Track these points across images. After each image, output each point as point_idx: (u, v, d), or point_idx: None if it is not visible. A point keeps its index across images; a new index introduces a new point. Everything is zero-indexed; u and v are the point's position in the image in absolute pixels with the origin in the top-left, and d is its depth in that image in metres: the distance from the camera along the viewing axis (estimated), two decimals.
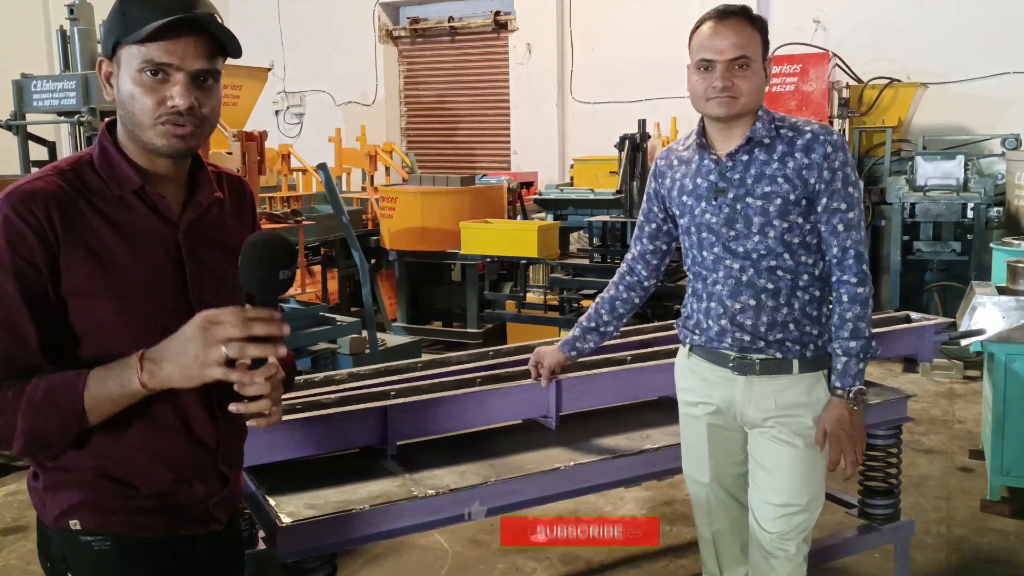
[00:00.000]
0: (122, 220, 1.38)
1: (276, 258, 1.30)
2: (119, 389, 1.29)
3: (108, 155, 1.41)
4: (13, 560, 3.63)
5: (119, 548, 1.40)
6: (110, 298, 1.34)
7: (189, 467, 1.44)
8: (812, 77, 7.09)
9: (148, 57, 1.33)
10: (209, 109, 1.39)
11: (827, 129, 2.10)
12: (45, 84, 6.92)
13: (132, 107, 1.36)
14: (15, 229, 1.29)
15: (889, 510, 2.99)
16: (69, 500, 1.38)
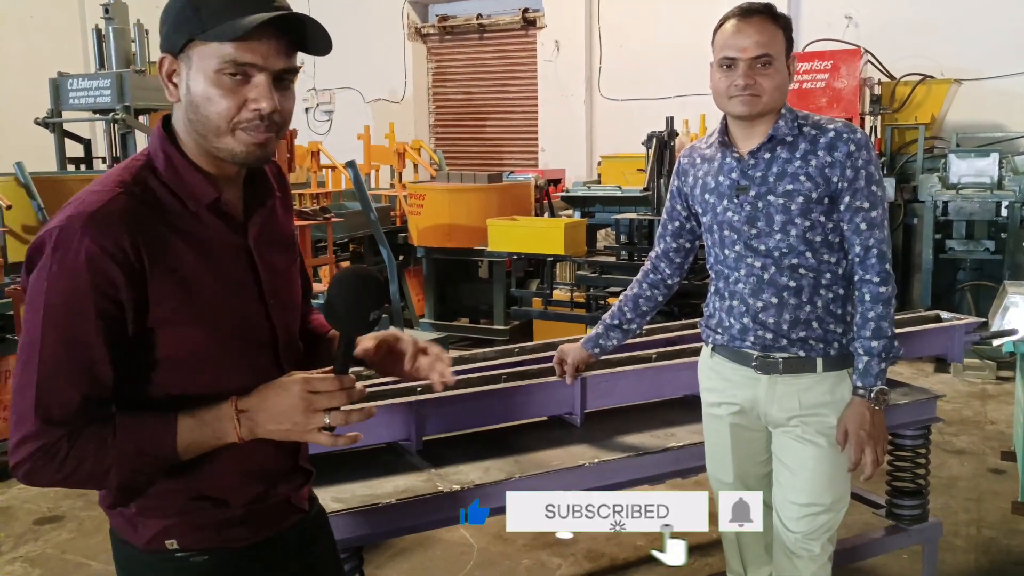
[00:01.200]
0: (200, 237, 1.29)
1: (368, 299, 1.26)
2: (214, 440, 1.27)
3: (175, 166, 1.29)
4: (49, 549, 3.72)
5: (216, 560, 1.38)
6: (199, 325, 1.28)
7: (276, 473, 1.43)
8: (843, 73, 7.02)
9: (229, 56, 1.21)
10: (287, 112, 1.29)
11: (851, 127, 2.09)
12: (81, 82, 7.06)
13: (207, 111, 1.25)
14: (99, 264, 1.18)
15: (917, 511, 2.97)
16: (164, 523, 1.34)
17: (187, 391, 1.29)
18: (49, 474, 1.22)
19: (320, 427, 1.25)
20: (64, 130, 7.29)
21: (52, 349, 1.20)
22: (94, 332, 1.20)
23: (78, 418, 1.21)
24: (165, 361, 1.28)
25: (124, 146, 7.09)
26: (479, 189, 7.10)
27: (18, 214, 5.49)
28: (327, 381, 1.25)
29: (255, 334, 1.36)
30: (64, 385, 1.20)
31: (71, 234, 1.18)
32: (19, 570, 3.54)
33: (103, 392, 1.23)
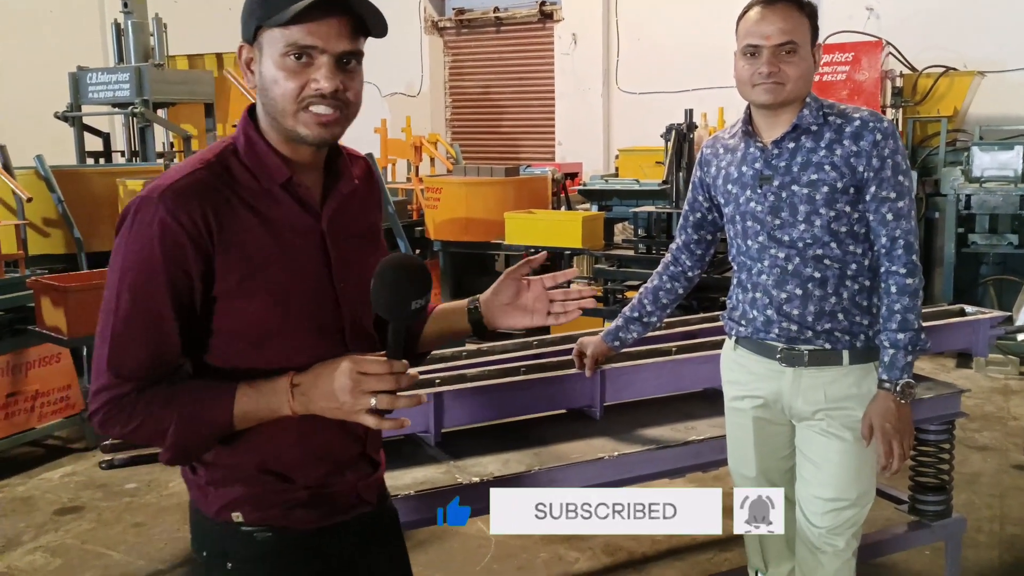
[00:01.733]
0: (271, 215, 1.35)
1: (410, 286, 1.27)
2: (268, 412, 1.32)
3: (254, 146, 1.36)
4: (70, 539, 3.75)
5: (277, 539, 1.42)
6: (262, 298, 1.33)
7: (341, 458, 1.46)
8: (864, 66, 6.94)
9: (292, 40, 1.28)
10: (353, 93, 1.34)
11: (877, 116, 2.06)
12: (100, 76, 7.10)
13: (274, 93, 1.31)
14: (170, 234, 1.26)
15: (940, 507, 2.93)
16: (231, 494, 1.40)
17: (252, 366, 1.34)
18: (119, 425, 1.31)
19: (367, 409, 1.27)
20: (83, 124, 7.33)
21: (125, 309, 1.29)
22: (163, 296, 1.28)
23: (146, 376, 1.29)
24: (229, 332, 1.34)
25: (143, 140, 7.12)
26: (496, 183, 7.08)
27: (39, 207, 5.52)
28: (377, 364, 1.27)
29: (321, 318, 1.39)
30: (135, 343, 1.29)
31: (149, 204, 1.27)
32: (40, 560, 3.57)
33: (171, 354, 1.31)
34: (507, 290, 1.52)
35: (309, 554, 1.45)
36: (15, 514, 4.01)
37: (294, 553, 1.44)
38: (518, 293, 1.52)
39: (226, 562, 1.43)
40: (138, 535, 3.77)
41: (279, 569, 1.43)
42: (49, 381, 4.76)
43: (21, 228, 5.18)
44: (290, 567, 1.44)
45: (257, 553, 1.42)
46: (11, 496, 4.22)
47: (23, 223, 5.24)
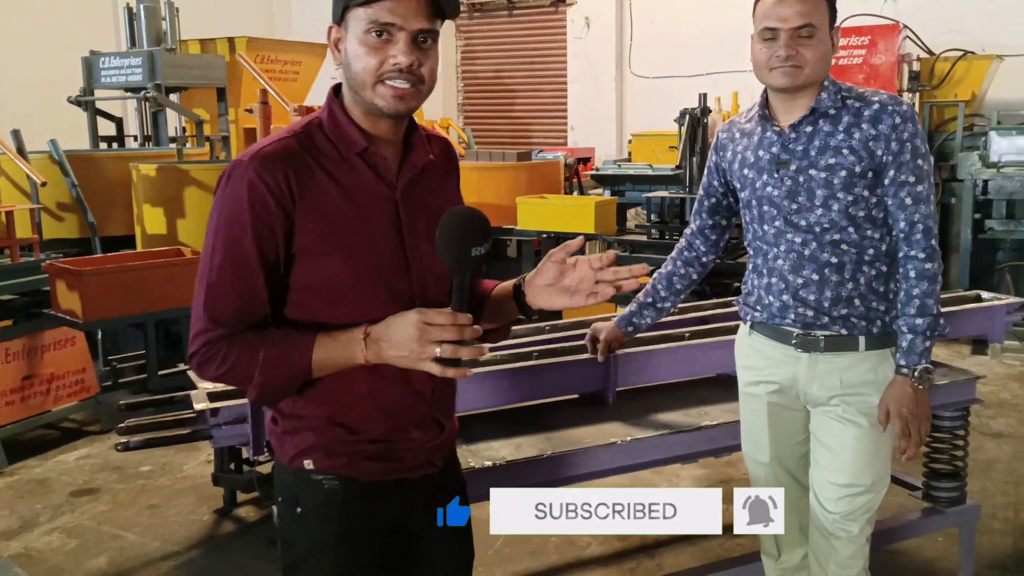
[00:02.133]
0: (348, 182, 1.46)
1: (470, 234, 1.37)
2: (344, 360, 1.42)
3: (336, 118, 1.48)
4: (86, 520, 3.78)
5: (344, 488, 1.52)
6: (336, 256, 1.44)
7: (408, 415, 1.55)
8: (881, 49, 6.87)
9: (373, 18, 1.39)
10: (427, 70, 1.44)
11: (896, 99, 2.03)
12: (113, 61, 7.09)
13: (356, 67, 1.42)
14: (257, 192, 1.40)
15: (954, 493, 2.92)
16: (303, 443, 1.52)
17: (327, 321, 1.45)
18: (213, 367, 1.44)
19: (432, 357, 1.36)
20: (96, 108, 7.33)
21: (219, 259, 1.43)
22: (251, 248, 1.41)
23: (238, 321, 1.43)
24: (307, 288, 1.46)
25: (155, 124, 7.12)
26: (508, 167, 7.06)
27: (52, 191, 5.54)
28: (442, 315, 1.36)
29: (393, 282, 1.49)
30: (227, 291, 1.42)
31: (240, 167, 1.42)
32: (56, 540, 3.60)
33: (259, 303, 1.44)
34: (548, 272, 1.56)
35: (373, 505, 1.55)
36: (32, 496, 4.05)
37: (359, 502, 1.54)
38: (560, 275, 1.56)
39: (296, 507, 1.55)
40: (152, 517, 3.80)
41: (344, 516, 1.53)
42: (64, 364, 4.79)
43: (35, 212, 5.21)
44: (354, 515, 1.54)
45: (325, 500, 1.53)
46: (28, 478, 4.26)
47: (37, 207, 5.26)
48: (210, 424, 2.23)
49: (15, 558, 3.41)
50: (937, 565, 3.25)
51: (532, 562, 3.32)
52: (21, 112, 7.72)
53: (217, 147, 6.90)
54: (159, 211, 5.28)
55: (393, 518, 1.58)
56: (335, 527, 1.54)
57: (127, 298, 4.10)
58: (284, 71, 8.44)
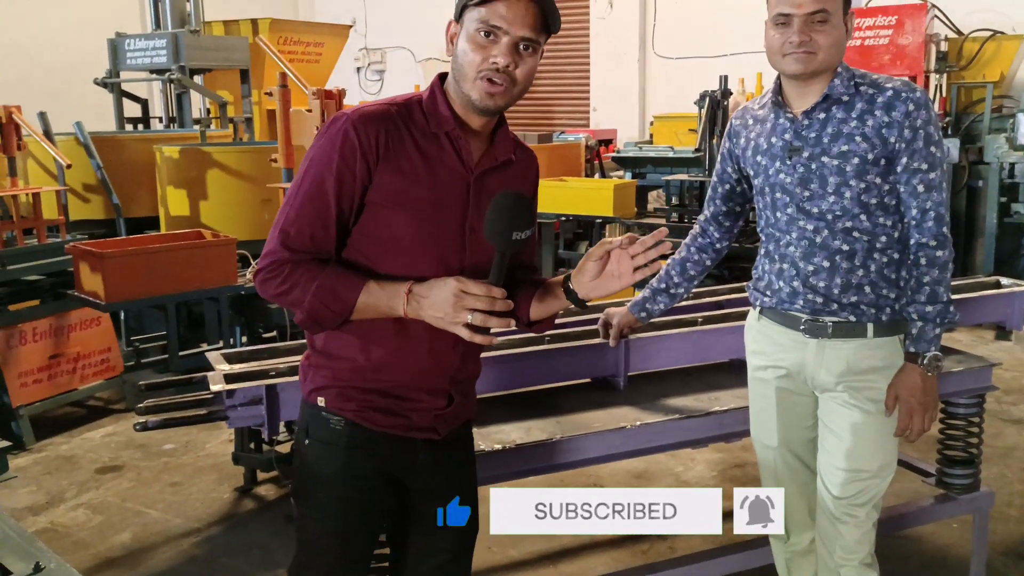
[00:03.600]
0: (431, 153, 1.61)
1: (516, 218, 1.52)
2: (386, 308, 1.57)
3: (435, 99, 1.64)
4: (111, 497, 3.87)
5: (349, 431, 1.67)
6: (402, 212, 1.59)
7: (423, 378, 1.68)
8: (908, 29, 6.76)
9: (484, 19, 1.54)
10: (522, 74, 1.58)
11: (910, 86, 2.01)
12: (138, 43, 7.15)
13: (463, 60, 1.58)
14: (348, 141, 1.56)
15: (968, 480, 2.90)
16: (322, 380, 1.68)
17: (383, 271, 1.60)
18: (273, 286, 1.59)
19: (464, 323, 1.50)
20: (122, 90, 7.40)
21: (303, 193, 1.59)
22: (332, 188, 1.57)
23: (305, 251, 1.58)
24: (371, 237, 1.60)
25: (180, 106, 7.18)
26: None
27: (78, 173, 5.62)
28: (478, 286, 1.51)
29: (447, 253, 1.63)
30: (303, 221, 1.58)
31: (342, 119, 1.59)
32: (81, 516, 3.70)
33: (327, 238, 1.59)
34: (591, 270, 1.66)
35: (373, 453, 1.68)
36: (59, 472, 4.15)
37: (360, 448, 1.67)
38: (601, 268, 1.66)
39: (306, 438, 1.72)
40: (175, 494, 3.88)
41: (344, 457, 1.68)
42: (90, 344, 4.89)
43: (62, 194, 5.28)
44: (354, 457, 1.68)
45: (330, 438, 1.68)
46: (55, 455, 4.36)
47: (63, 189, 5.34)
48: (226, 405, 2.27)
49: (41, 533, 3.51)
50: (950, 552, 3.24)
51: (546, 543, 3.36)
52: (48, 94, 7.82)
53: (240, 129, 6.95)
54: (182, 193, 5.34)
55: (392, 469, 1.71)
56: (338, 464, 1.68)
57: (148, 280, 4.15)
58: (307, 53, 8.47)
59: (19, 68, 8.96)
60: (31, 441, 4.44)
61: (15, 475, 4.07)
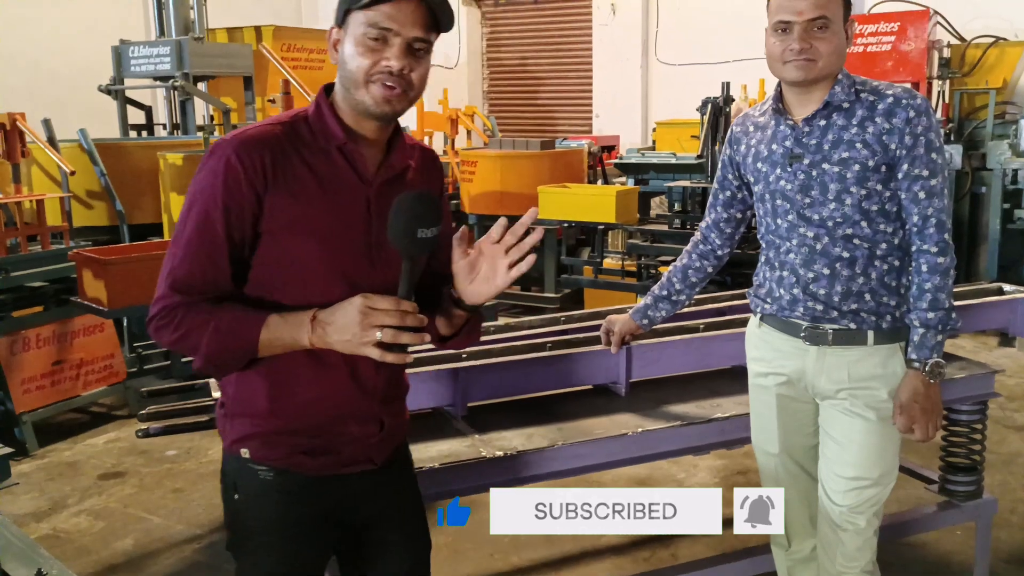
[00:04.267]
0: (324, 170, 1.52)
1: (418, 215, 1.40)
2: (291, 340, 1.46)
3: (321, 112, 1.55)
4: (113, 503, 3.87)
5: (280, 480, 1.57)
6: (301, 238, 1.49)
7: (349, 408, 1.58)
8: (910, 36, 6.76)
9: (372, 21, 1.45)
10: (417, 76, 1.51)
11: (911, 93, 2.02)
12: (142, 50, 7.19)
13: (351, 66, 1.48)
14: (231, 170, 1.46)
15: (971, 487, 2.90)
16: (243, 430, 1.57)
17: (288, 302, 1.50)
18: (167, 334, 1.48)
19: (373, 342, 1.39)
20: (126, 97, 7.43)
21: (190, 232, 1.48)
22: (220, 223, 1.46)
23: (196, 292, 1.47)
24: (270, 267, 1.51)
25: (184, 113, 7.22)
26: (531, 156, 7.06)
27: (82, 179, 5.64)
28: (385, 300, 1.40)
29: (355, 274, 1.52)
30: (191, 261, 1.47)
31: (223, 146, 1.48)
32: (84, 522, 3.70)
33: (220, 277, 1.49)
34: (460, 273, 1.56)
35: (309, 498, 1.58)
36: (61, 478, 4.16)
37: (295, 495, 1.57)
38: (472, 268, 1.56)
39: (235, 493, 1.60)
40: (177, 500, 3.88)
41: (279, 507, 1.58)
42: (93, 350, 4.89)
43: (65, 200, 5.30)
44: (289, 507, 1.58)
45: (261, 489, 1.57)
46: (57, 460, 4.37)
47: (67, 195, 5.36)
48: None
49: (44, 539, 3.51)
50: (953, 559, 3.23)
51: (547, 550, 3.36)
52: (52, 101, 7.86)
53: None
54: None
55: (330, 509, 1.61)
56: (272, 515, 1.58)
57: (150, 287, 4.15)
58: (310, 60, 8.50)
59: (24, 75, 9.01)
60: (34, 447, 4.45)
61: (18, 481, 4.07)
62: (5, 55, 9.07)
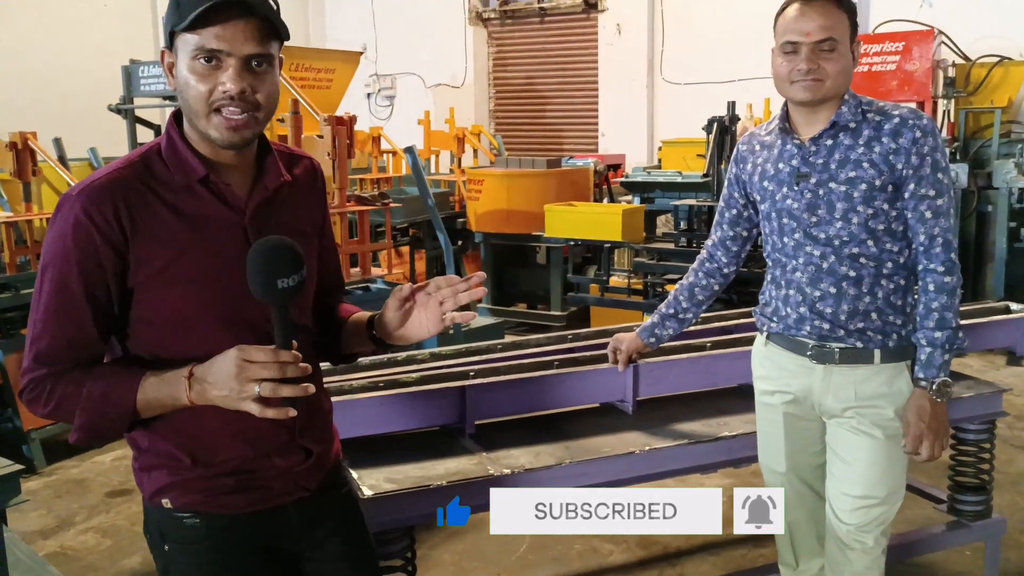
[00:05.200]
0: (189, 209, 1.40)
1: (273, 266, 1.29)
2: (170, 400, 1.36)
3: (174, 145, 1.42)
4: (120, 521, 3.88)
5: (207, 524, 1.47)
6: (180, 288, 1.38)
7: (268, 443, 1.48)
8: (915, 55, 6.80)
9: (199, 44, 1.33)
10: (264, 95, 1.37)
11: (916, 113, 2.03)
12: (151, 70, 7.25)
13: (188, 95, 1.36)
14: (83, 229, 1.34)
15: (980, 507, 2.89)
16: (160, 481, 1.47)
17: (173, 355, 1.39)
18: (39, 406, 1.39)
19: (252, 397, 1.28)
20: (136, 116, 7.50)
21: (47, 298, 1.37)
22: (77, 285, 1.35)
23: (63, 360, 1.37)
24: (149, 321, 1.40)
25: None
26: (537, 174, 7.10)
27: None
28: (263, 352, 1.29)
29: (244, 310, 1.40)
30: (51, 330, 1.37)
31: (68, 202, 1.36)
32: (91, 540, 3.70)
33: (87, 340, 1.38)
34: (393, 321, 1.53)
35: (242, 537, 1.50)
36: (69, 495, 4.16)
37: (226, 536, 1.48)
38: (406, 316, 1.52)
39: (164, 544, 1.50)
40: None
41: (212, 551, 1.48)
42: None
43: None
44: (223, 550, 1.49)
45: (189, 537, 1.48)
46: (65, 478, 4.37)
47: None
48: None
49: (52, 556, 3.51)
50: None
51: (555, 568, 3.35)
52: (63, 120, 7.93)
53: None
54: None
55: (269, 542, 1.53)
56: (205, 559, 1.48)
57: None
58: (318, 79, 8.55)
59: (35, 94, 9.09)
60: (42, 464, 4.46)
61: (28, 499, 4.07)
62: (17, 75, 9.18)
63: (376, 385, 2.46)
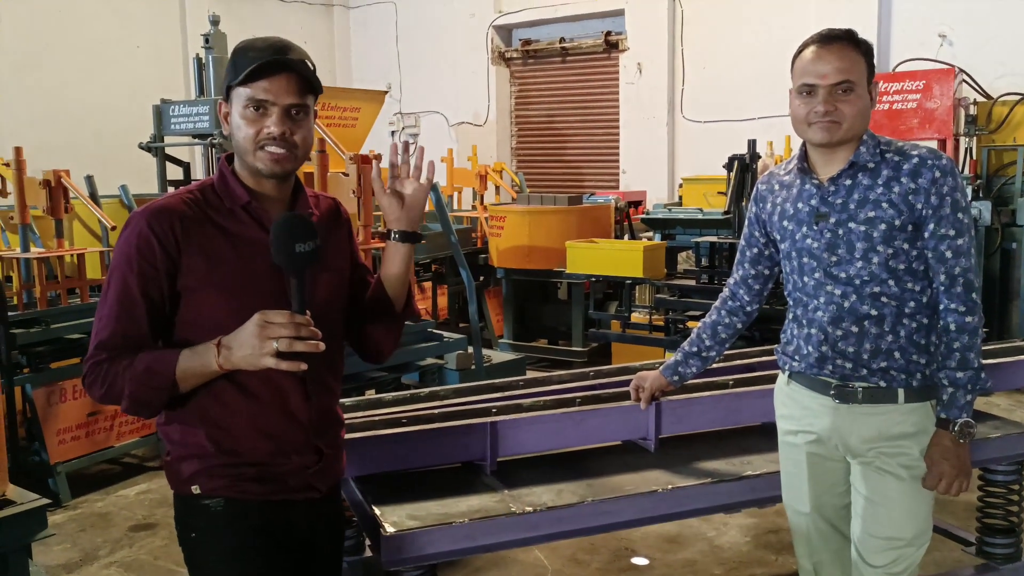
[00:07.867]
0: (232, 229, 1.70)
1: (293, 231, 1.56)
2: (201, 367, 1.60)
3: (224, 177, 1.74)
4: (143, 555, 3.89)
5: (228, 509, 1.70)
6: (216, 291, 1.66)
7: (285, 440, 1.73)
8: (936, 94, 6.81)
9: (250, 95, 1.66)
10: (300, 137, 1.70)
11: (935, 153, 2.05)
12: (182, 109, 7.40)
13: (239, 136, 1.69)
14: (144, 238, 1.64)
15: (1010, 549, 2.85)
16: (190, 469, 1.71)
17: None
18: (97, 388, 1.63)
19: (271, 352, 1.51)
20: (166, 154, 7.64)
21: (111, 295, 1.65)
22: (136, 285, 1.63)
23: (119, 348, 1.63)
24: (191, 322, 1.67)
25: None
26: (559, 211, 7.15)
27: None
28: (280, 315, 1.53)
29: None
30: (111, 322, 1.64)
31: (135, 218, 1.67)
32: (114, 574, 3.72)
33: (139, 333, 1.64)
34: (392, 209, 1.82)
35: (258, 523, 1.72)
36: (93, 529, 4.19)
37: (245, 521, 1.71)
38: (398, 200, 1.83)
39: (191, 533, 1.74)
40: None
41: (231, 535, 1.71)
42: None
43: (105, 255, 5.44)
44: (241, 534, 1.71)
45: (213, 522, 1.71)
46: (89, 511, 4.41)
47: (107, 250, 5.50)
48: None
49: None
50: None
51: None
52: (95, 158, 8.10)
53: None
54: None
55: (281, 534, 1.75)
56: (227, 544, 1.71)
57: None
58: (344, 118, 8.69)
59: (70, 134, 9.31)
60: (67, 498, 4.50)
61: (53, 533, 4.11)
62: (51, 115, 9.41)
63: (399, 421, 2.48)
